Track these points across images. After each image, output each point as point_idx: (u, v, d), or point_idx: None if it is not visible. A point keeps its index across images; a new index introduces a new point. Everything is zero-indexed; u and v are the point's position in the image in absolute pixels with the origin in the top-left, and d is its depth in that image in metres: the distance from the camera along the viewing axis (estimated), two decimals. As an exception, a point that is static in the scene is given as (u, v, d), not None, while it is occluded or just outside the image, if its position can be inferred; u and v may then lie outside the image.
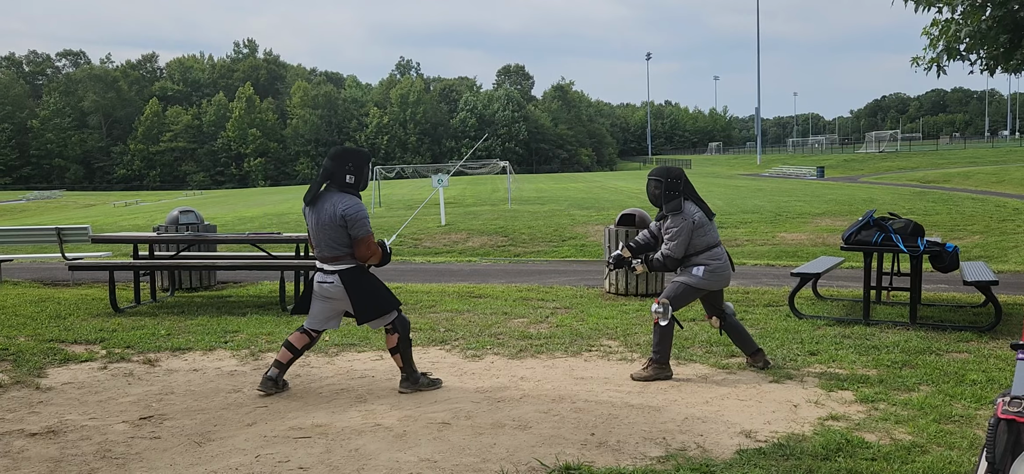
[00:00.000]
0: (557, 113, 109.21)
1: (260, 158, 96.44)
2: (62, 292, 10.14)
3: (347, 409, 5.01)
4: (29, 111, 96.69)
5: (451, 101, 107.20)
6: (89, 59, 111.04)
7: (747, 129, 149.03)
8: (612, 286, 9.56)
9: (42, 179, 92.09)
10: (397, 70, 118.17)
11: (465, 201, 28.58)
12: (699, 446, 4.21)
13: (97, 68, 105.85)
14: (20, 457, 4.19)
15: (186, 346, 6.81)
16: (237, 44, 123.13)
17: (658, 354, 5.57)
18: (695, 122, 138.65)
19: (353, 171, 5.28)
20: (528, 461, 4.03)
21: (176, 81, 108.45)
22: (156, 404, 5.17)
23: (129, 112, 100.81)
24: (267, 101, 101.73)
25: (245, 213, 27.75)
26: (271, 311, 8.54)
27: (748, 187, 34.39)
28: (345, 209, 5.16)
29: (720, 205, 23.52)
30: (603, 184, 40.96)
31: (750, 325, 7.37)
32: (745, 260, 13.69)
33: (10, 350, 6.60)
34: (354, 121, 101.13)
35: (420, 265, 14.13)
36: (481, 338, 6.97)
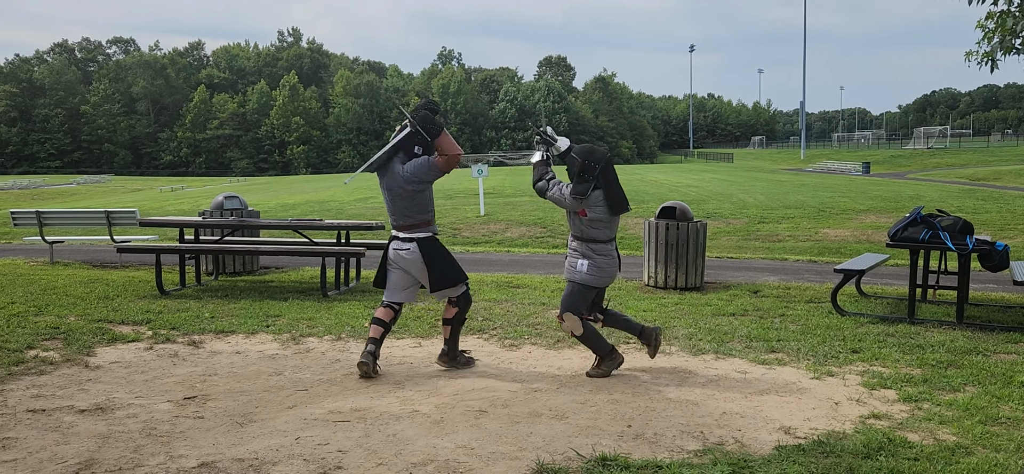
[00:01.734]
0: (598, 105, 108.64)
1: (303, 146, 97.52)
2: (110, 274, 10.39)
3: (385, 395, 5.06)
4: (81, 97, 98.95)
5: (491, 91, 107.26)
6: (139, 46, 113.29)
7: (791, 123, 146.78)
8: (651, 278, 9.51)
9: (92, 163, 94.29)
10: (439, 60, 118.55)
11: (504, 191, 28.60)
12: (737, 441, 4.18)
13: (146, 55, 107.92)
14: (69, 432, 4.32)
15: (229, 329, 6.94)
16: (281, 33, 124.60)
17: (598, 350, 5.47)
18: (738, 115, 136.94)
19: (422, 144, 5.49)
20: (564, 451, 4.04)
21: (222, 69, 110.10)
22: (200, 385, 5.28)
23: (176, 99, 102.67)
24: (310, 89, 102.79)
25: (287, 200, 28.12)
26: (312, 297, 8.65)
27: (791, 182, 33.86)
28: (405, 174, 5.39)
29: (762, 200, 23.21)
30: (643, 177, 40.68)
31: (791, 321, 7.28)
32: (786, 256, 13.50)
33: (61, 329, 6.78)
34: (395, 110, 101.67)
35: (459, 254, 14.17)
36: (519, 328, 6.99)
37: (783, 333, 6.74)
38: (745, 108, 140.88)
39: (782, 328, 6.96)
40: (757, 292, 9.01)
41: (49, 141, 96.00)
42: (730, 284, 9.74)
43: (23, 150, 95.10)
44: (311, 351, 6.24)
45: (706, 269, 10.28)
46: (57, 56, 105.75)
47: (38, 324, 6.97)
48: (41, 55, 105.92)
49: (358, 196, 28.43)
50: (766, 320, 7.35)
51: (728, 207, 21.52)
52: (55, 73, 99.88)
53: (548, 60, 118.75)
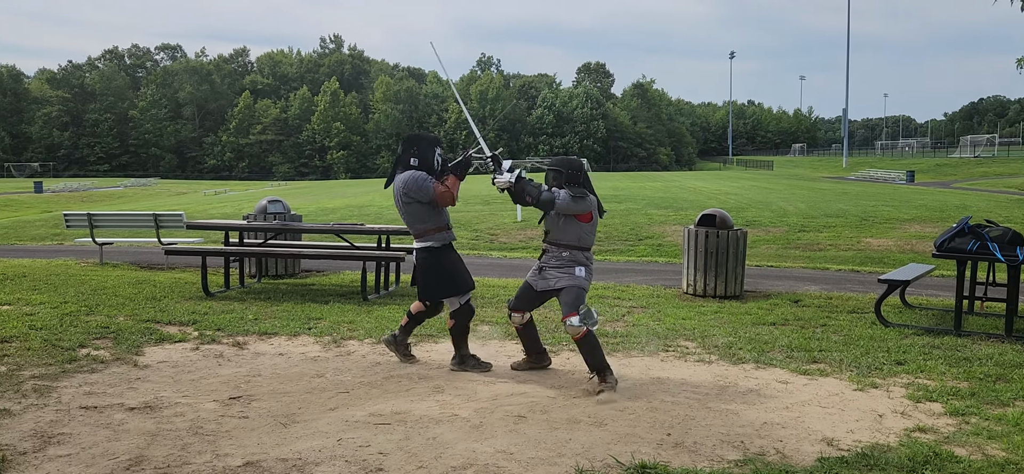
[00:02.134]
0: (636, 111, 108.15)
1: (342, 151, 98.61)
2: (157, 275, 10.63)
3: (425, 398, 5.11)
4: (129, 102, 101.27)
5: (530, 98, 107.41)
6: (185, 53, 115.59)
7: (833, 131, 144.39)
8: (690, 286, 9.46)
9: (139, 167, 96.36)
10: (478, 66, 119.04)
11: (542, 198, 28.61)
12: (778, 451, 4.15)
13: (192, 61, 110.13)
14: (120, 429, 4.44)
15: (272, 331, 7.06)
16: (324, 39, 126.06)
17: (597, 365, 5.29)
18: (778, 122, 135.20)
19: (417, 154, 5.61)
20: (603, 458, 4.05)
21: (266, 75, 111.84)
22: (244, 385, 5.38)
23: (221, 104, 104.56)
24: (351, 95, 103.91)
25: (327, 204, 28.46)
26: (353, 300, 8.76)
27: (832, 190, 33.36)
28: (402, 191, 5.56)
29: (802, 208, 22.91)
30: (682, 184, 40.37)
31: (833, 331, 7.19)
32: (828, 265, 13.32)
33: (111, 328, 6.97)
34: (434, 116, 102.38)
35: (496, 260, 14.25)
36: (557, 334, 7.00)
37: (825, 343, 6.66)
38: (786, 115, 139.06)
39: (824, 338, 6.88)
40: (798, 301, 8.91)
41: (99, 145, 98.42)
42: (770, 293, 9.64)
43: (74, 153, 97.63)
44: (352, 354, 6.33)
45: (746, 277, 10.19)
46: (108, 63, 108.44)
47: (89, 323, 7.16)
48: (93, 62, 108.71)
49: (397, 201, 28.68)
50: (807, 330, 7.27)
51: (768, 215, 21.28)
52: (105, 79, 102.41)
53: (586, 67, 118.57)
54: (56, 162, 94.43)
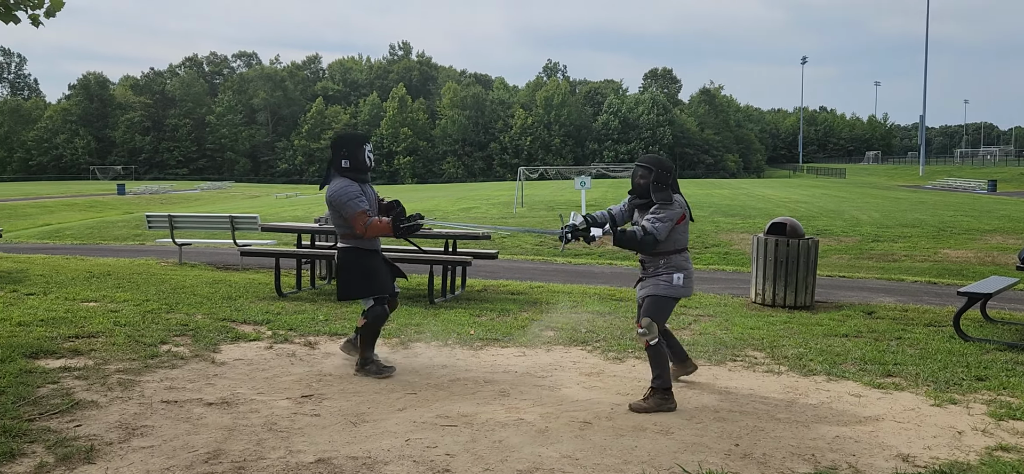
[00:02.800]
0: (704, 117, 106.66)
1: (409, 156, 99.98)
2: (232, 275, 10.97)
3: (491, 401, 5.16)
4: (207, 108, 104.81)
5: (595, 104, 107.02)
6: (260, 60, 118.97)
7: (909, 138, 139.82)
8: (759, 295, 9.30)
9: (215, 171, 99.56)
10: (544, 72, 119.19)
11: (606, 203, 28.50)
12: (851, 466, 4.05)
13: (267, 68, 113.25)
14: (199, 423, 4.61)
15: (342, 332, 7.22)
16: (392, 46, 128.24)
17: (660, 380, 5.08)
18: (851, 129, 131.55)
19: (347, 155, 5.66)
20: (670, 466, 4.02)
21: (336, 81, 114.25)
22: (315, 384, 5.53)
23: (293, 110, 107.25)
24: (419, 101, 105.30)
25: (395, 209, 28.92)
26: (420, 303, 8.89)
27: (908, 199, 32.31)
28: (328, 196, 5.64)
29: (876, 217, 22.27)
30: (750, 191, 39.67)
31: (908, 344, 6.98)
32: (903, 276, 12.92)
33: (190, 326, 7.23)
34: (500, 122, 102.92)
35: (561, 266, 14.25)
36: (622, 341, 6.98)
37: (900, 356, 6.47)
38: (859, 122, 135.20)
39: (899, 351, 6.68)
40: (871, 313, 8.67)
41: (177, 149, 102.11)
42: (842, 304, 9.41)
43: (154, 157, 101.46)
44: (419, 356, 6.43)
45: (817, 288, 9.97)
46: (187, 70, 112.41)
47: (170, 321, 7.45)
48: (173, 69, 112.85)
49: (462, 206, 28.95)
50: (882, 342, 7.07)
51: (840, 224, 20.74)
52: (185, 85, 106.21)
53: (653, 72, 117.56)
54: (138, 165, 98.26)
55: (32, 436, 4.26)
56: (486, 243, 10.83)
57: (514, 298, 9.42)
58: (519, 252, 17.10)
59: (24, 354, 5.97)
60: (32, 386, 5.19)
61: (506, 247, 17.36)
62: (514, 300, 9.25)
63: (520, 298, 9.42)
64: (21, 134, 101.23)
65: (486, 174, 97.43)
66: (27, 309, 7.84)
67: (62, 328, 6.94)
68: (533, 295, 9.65)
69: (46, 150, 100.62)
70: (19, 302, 8.31)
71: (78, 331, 6.85)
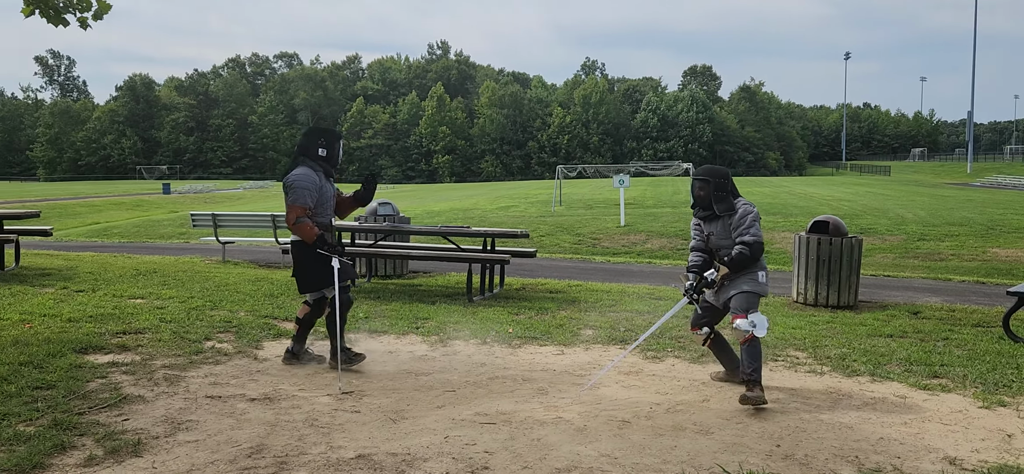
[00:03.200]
0: (744, 114, 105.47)
1: (448, 155, 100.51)
2: (274, 273, 11.13)
3: (529, 399, 5.17)
4: (249, 108, 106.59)
5: (634, 102, 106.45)
6: (301, 60, 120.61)
7: (956, 134, 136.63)
8: (801, 295, 9.17)
9: (257, 170, 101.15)
10: (582, 70, 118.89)
11: (645, 202, 28.34)
12: (896, 469, 3.98)
13: (307, 69, 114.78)
14: (242, 418, 4.69)
15: (381, 329, 7.29)
16: (431, 45, 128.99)
17: (755, 374, 5.07)
18: (896, 126, 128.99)
19: (325, 145, 5.73)
20: (709, 466, 3.99)
21: (376, 81, 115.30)
22: (355, 381, 5.58)
23: (333, 110, 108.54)
24: (457, 100, 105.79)
25: (433, 207, 29.08)
26: (458, 301, 8.93)
27: (956, 197, 31.59)
28: (288, 176, 5.65)
29: (922, 215, 21.81)
30: (791, 189, 39.11)
31: (956, 345, 6.83)
32: (950, 276, 12.63)
33: (233, 323, 7.35)
34: (538, 120, 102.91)
35: (599, 264, 14.20)
36: (662, 341, 6.93)
37: (947, 357, 6.33)
38: (905, 118, 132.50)
39: (946, 352, 6.54)
40: (917, 313, 8.50)
41: (221, 149, 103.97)
42: (887, 304, 9.24)
43: (198, 157, 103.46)
44: (458, 354, 6.46)
45: (860, 287, 9.80)
46: (230, 71, 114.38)
47: (214, 318, 7.59)
48: (217, 70, 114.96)
49: (500, 205, 29.00)
50: (928, 343, 6.93)
51: (884, 223, 20.36)
52: (228, 86, 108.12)
53: (693, 69, 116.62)
54: (182, 165, 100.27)
55: (82, 429, 4.37)
56: (525, 242, 10.84)
57: (552, 296, 9.42)
58: (557, 250, 17.09)
59: (74, 349, 6.12)
60: (81, 380, 5.32)
61: (544, 246, 17.36)
62: (552, 298, 9.24)
63: (558, 296, 9.41)
64: (71, 135, 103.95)
65: (524, 173, 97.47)
66: (76, 305, 8.05)
67: (110, 324, 7.11)
68: (571, 293, 9.64)
69: (94, 150, 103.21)
70: (69, 298, 8.53)
71: (125, 327, 7.01)
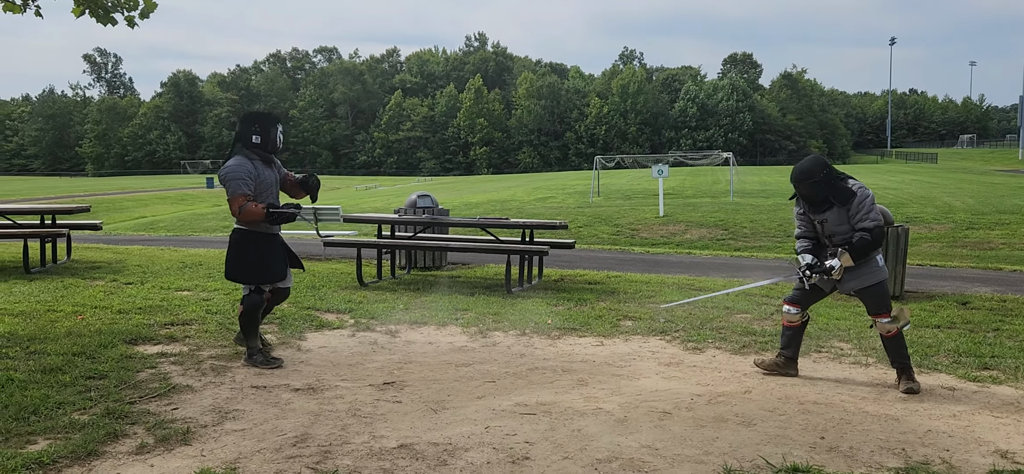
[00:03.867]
0: (785, 102, 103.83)
1: (485, 147, 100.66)
2: (315, 265, 11.27)
3: (569, 390, 5.17)
4: (289, 102, 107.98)
5: (673, 91, 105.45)
6: (340, 54, 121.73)
7: (1008, 120, 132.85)
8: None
9: (297, 163, 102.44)
10: (620, 60, 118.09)
11: (684, 192, 28.11)
12: (945, 461, 3.91)
13: (346, 63, 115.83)
14: (286, 408, 4.77)
15: (422, 320, 7.35)
16: (468, 37, 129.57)
17: (908, 362, 5.17)
18: (944, 112, 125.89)
19: (259, 131, 5.61)
20: (752, 458, 3.96)
21: (414, 74, 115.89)
22: (397, 372, 5.64)
23: (372, 103, 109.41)
24: (494, 92, 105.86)
25: (471, 199, 29.18)
26: (497, 292, 8.96)
27: (1007, 184, 30.77)
28: (221, 170, 5.56)
29: (971, 203, 21.30)
30: (835, 178, 38.44)
31: (1007, 336, 6.67)
32: (1000, 265, 12.32)
33: (276, 315, 7.45)
34: (575, 111, 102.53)
35: (638, 255, 14.13)
36: (702, 331, 6.88)
37: (998, 349, 6.19)
38: (953, 104, 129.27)
39: (996, 343, 6.39)
40: (966, 304, 8.31)
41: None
42: (934, 294, 9.05)
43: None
44: (497, 345, 6.48)
45: (907, 277, 9.61)
46: (271, 66, 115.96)
47: (257, 309, 7.70)
48: (258, 65, 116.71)
49: (538, 196, 28.99)
50: (977, 334, 6.77)
51: (931, 211, 19.93)
52: (269, 81, 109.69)
53: (733, 57, 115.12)
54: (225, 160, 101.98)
55: (133, 418, 4.49)
56: (564, 233, 10.83)
57: (591, 287, 9.40)
58: (595, 241, 17.04)
59: (124, 340, 6.28)
60: (132, 370, 5.46)
61: (582, 237, 17.32)
62: (591, 290, 9.23)
63: (597, 287, 9.39)
64: (118, 131, 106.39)
65: (562, 164, 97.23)
66: (126, 297, 8.25)
67: (158, 316, 7.28)
68: (610, 285, 9.61)
69: (140, 146, 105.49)
70: (119, 291, 8.74)
71: (173, 319, 7.17)
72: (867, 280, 5.18)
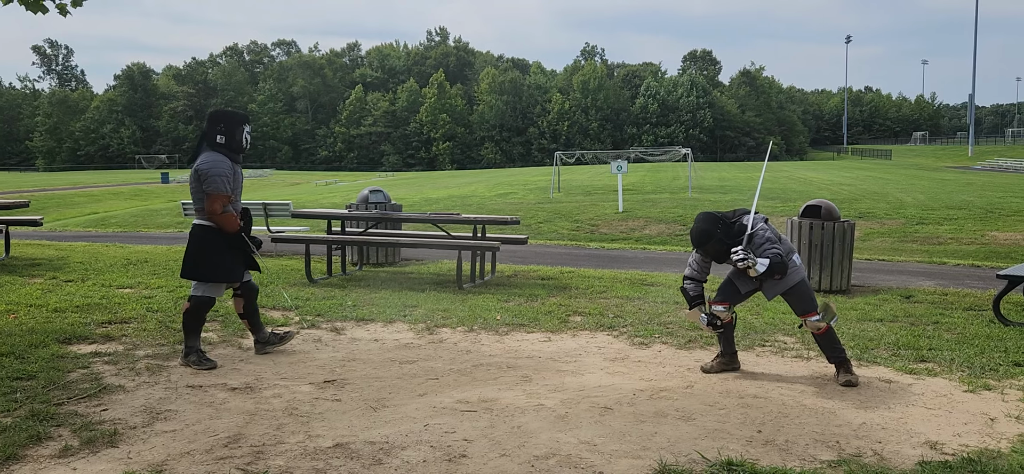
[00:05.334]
0: (744, 99, 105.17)
1: (448, 142, 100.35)
2: (265, 261, 11.08)
3: (512, 387, 5.14)
4: (248, 96, 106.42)
5: (634, 87, 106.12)
6: (300, 48, 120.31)
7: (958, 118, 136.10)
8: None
9: (257, 158, 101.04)
10: (582, 56, 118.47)
11: (644, 188, 28.28)
12: (876, 454, 3.95)
13: (306, 56, 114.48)
14: (222, 408, 4.66)
15: (369, 317, 7.26)
16: (430, 32, 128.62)
17: (841, 354, 5.26)
18: (898, 110, 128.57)
19: (223, 131, 5.50)
20: (688, 453, 3.96)
21: (375, 68, 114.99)
22: (339, 369, 5.56)
23: (332, 97, 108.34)
24: (457, 87, 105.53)
25: (431, 194, 29.04)
26: (448, 289, 8.90)
27: (956, 181, 31.50)
28: (199, 164, 5.44)
29: (921, 199, 21.76)
30: (791, 174, 39.02)
31: (945, 329, 6.79)
32: (946, 259, 12.59)
33: (219, 312, 7.31)
34: (537, 107, 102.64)
35: (594, 251, 14.16)
36: (650, 326, 6.90)
37: (936, 341, 6.29)
38: (906, 102, 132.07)
39: (935, 336, 6.50)
40: (910, 297, 8.46)
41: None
42: (880, 288, 9.20)
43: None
44: (444, 341, 6.43)
45: (854, 272, 9.76)
46: (229, 59, 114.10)
47: (200, 307, 7.54)
48: (214, 58, 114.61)
49: (499, 191, 28.95)
50: (917, 327, 6.89)
51: (883, 207, 20.31)
52: (226, 74, 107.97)
53: (693, 54, 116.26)
54: (181, 154, 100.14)
55: (59, 420, 4.35)
56: (516, 229, 10.80)
57: (543, 283, 9.38)
58: (555, 237, 17.05)
59: (57, 339, 6.10)
60: (63, 370, 5.30)
61: (542, 232, 17.32)
62: (543, 285, 9.21)
63: (549, 283, 9.38)
64: (69, 124, 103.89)
65: (524, 159, 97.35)
66: (64, 295, 8.02)
67: (96, 314, 7.09)
68: (563, 280, 9.60)
69: (93, 140, 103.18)
70: (57, 288, 8.50)
71: (111, 317, 6.99)
72: (787, 282, 5.23)
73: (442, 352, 6.08)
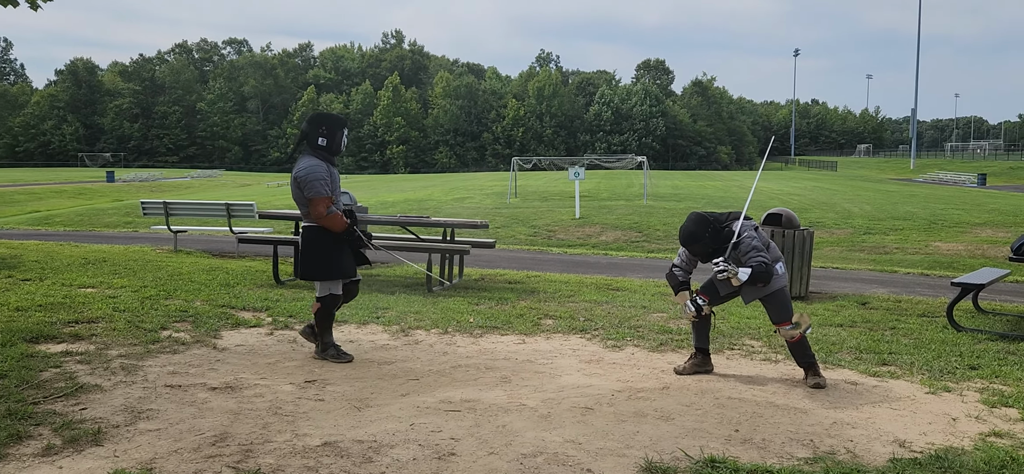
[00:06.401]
0: (696, 109, 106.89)
1: (402, 146, 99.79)
2: (229, 263, 10.97)
3: (493, 387, 5.21)
4: (197, 95, 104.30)
5: (588, 94, 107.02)
6: (251, 47, 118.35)
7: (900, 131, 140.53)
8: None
9: (205, 159, 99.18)
10: (537, 62, 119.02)
11: (600, 195, 28.56)
12: (849, 451, 4.12)
13: (257, 56, 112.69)
14: (204, 407, 4.64)
15: (342, 319, 7.24)
16: (385, 34, 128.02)
17: (810, 359, 5.44)
18: (843, 122, 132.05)
19: (326, 134, 5.65)
20: (672, 451, 4.08)
21: (328, 69, 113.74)
22: (318, 370, 5.56)
23: (284, 98, 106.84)
24: (411, 90, 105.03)
25: (387, 197, 28.91)
26: (418, 291, 8.93)
27: (900, 192, 32.50)
28: (297, 171, 5.59)
29: (868, 210, 22.42)
30: (742, 183, 39.80)
31: (902, 334, 7.07)
32: (895, 268, 13.03)
33: (189, 312, 7.25)
34: (493, 112, 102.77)
35: (556, 255, 14.30)
36: (621, 330, 7.04)
37: (895, 346, 6.56)
38: (851, 115, 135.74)
39: (894, 341, 6.77)
40: (866, 304, 8.77)
41: (167, 136, 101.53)
42: (836, 295, 9.50)
43: (144, 145, 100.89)
44: (420, 343, 6.47)
45: (811, 279, 10.05)
46: (177, 56, 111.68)
47: (169, 307, 7.46)
48: (162, 55, 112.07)
49: (455, 196, 28.95)
50: (876, 332, 7.16)
51: (832, 216, 20.88)
52: (175, 72, 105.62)
53: (646, 63, 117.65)
54: (127, 153, 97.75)
55: (37, 419, 4.28)
56: (486, 232, 10.87)
57: (512, 287, 9.47)
58: (513, 242, 17.16)
59: (24, 338, 5.98)
60: (35, 370, 5.20)
61: (501, 238, 17.40)
62: (512, 289, 9.30)
63: (518, 287, 9.47)
64: (7, 120, 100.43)
65: (479, 164, 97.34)
66: (24, 294, 7.84)
67: (61, 313, 6.95)
68: (530, 284, 9.70)
69: (33, 136, 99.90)
70: (15, 287, 8.30)
71: (77, 316, 6.86)
72: (767, 289, 5.39)
73: (419, 353, 6.12)
